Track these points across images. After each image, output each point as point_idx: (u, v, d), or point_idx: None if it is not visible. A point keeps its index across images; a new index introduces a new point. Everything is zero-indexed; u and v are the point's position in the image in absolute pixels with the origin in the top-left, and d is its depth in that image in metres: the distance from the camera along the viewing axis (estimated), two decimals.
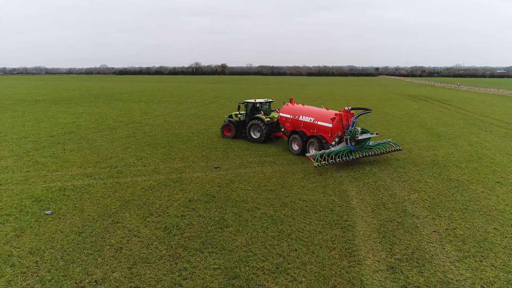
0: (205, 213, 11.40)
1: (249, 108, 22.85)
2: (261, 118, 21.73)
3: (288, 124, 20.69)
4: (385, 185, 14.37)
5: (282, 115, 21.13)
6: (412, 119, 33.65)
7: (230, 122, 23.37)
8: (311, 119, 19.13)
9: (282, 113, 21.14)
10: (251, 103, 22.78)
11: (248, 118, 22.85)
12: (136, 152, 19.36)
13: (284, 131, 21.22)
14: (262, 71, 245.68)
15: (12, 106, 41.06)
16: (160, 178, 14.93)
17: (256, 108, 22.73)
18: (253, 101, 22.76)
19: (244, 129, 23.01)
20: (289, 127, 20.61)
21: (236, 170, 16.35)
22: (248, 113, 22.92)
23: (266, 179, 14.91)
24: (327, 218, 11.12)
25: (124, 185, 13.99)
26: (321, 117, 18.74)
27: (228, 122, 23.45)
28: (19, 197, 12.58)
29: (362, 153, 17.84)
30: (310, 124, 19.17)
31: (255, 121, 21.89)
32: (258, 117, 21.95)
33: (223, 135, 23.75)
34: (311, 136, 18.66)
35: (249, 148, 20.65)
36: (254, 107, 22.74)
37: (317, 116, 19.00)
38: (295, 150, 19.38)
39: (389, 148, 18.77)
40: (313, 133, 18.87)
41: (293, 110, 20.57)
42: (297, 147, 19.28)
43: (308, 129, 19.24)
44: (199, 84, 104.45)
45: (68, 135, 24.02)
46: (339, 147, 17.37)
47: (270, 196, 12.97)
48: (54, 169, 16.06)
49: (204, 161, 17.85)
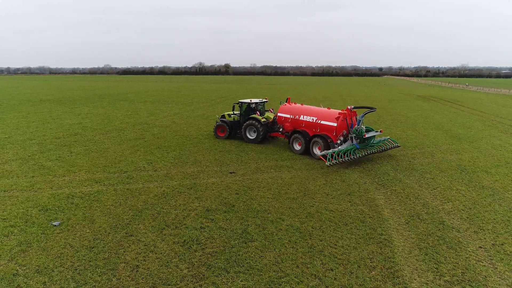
0: (226, 224, 10.49)
1: (244, 108, 22.37)
2: (257, 119, 21.36)
3: (287, 124, 20.35)
4: (414, 193, 13.40)
5: (280, 115, 20.78)
6: (427, 120, 32.62)
7: (223, 122, 22.83)
8: (313, 118, 19.00)
9: (281, 113, 20.83)
10: (246, 103, 22.31)
11: (242, 118, 22.41)
12: (145, 156, 18.49)
13: (283, 131, 20.84)
14: (266, 71, 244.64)
15: (17, 106, 40.35)
16: (173, 184, 14.04)
17: (251, 109, 22.26)
18: (248, 101, 22.25)
19: (238, 130, 22.64)
20: (289, 127, 20.26)
21: (253, 175, 15.44)
22: (242, 113, 22.48)
23: (286, 186, 13.98)
24: (359, 231, 10.18)
25: (136, 192, 13.10)
26: (324, 116, 18.62)
27: (221, 122, 22.91)
28: (25, 206, 11.72)
29: (367, 151, 18.01)
30: (312, 124, 19.03)
31: (252, 121, 21.48)
32: (254, 117, 21.54)
33: (216, 135, 23.13)
34: (315, 136, 18.47)
35: (263, 152, 19.73)
36: (249, 107, 22.29)
37: (320, 115, 18.87)
38: (297, 149, 19.23)
39: (389, 145, 19.23)
40: (315, 132, 18.71)
41: (292, 110, 20.34)
42: (299, 147, 19.13)
43: (311, 129, 19.08)
44: (203, 84, 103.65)
45: (74, 136, 23.20)
46: (345, 146, 17.47)
47: (293, 205, 12.05)
48: (61, 174, 15.21)
49: (217, 165, 16.95)
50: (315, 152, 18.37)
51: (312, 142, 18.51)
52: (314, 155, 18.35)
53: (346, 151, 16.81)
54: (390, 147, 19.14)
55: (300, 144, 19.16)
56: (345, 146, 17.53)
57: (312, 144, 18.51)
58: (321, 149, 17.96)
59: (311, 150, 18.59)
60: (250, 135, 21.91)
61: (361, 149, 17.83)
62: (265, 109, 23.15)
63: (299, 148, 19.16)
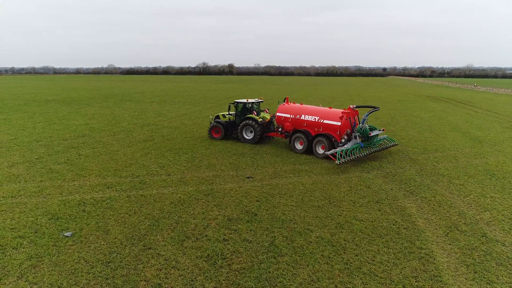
0: (251, 236, 9.71)
1: (240, 108, 21.96)
2: (254, 119, 21.04)
3: (288, 123, 20.15)
4: (446, 200, 12.57)
5: (280, 115, 20.59)
6: (441, 121, 31.72)
7: (218, 123, 22.35)
8: (315, 118, 18.99)
9: (280, 113, 20.64)
10: (242, 103, 21.94)
11: (238, 118, 22.10)
12: (157, 159, 17.75)
13: (282, 131, 20.60)
14: (269, 71, 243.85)
15: (22, 107, 39.80)
16: (189, 190, 13.28)
17: (247, 109, 21.88)
18: (244, 101, 21.90)
19: (234, 130, 22.29)
20: (289, 127, 20.06)
21: (271, 180, 14.66)
22: (238, 113, 22.12)
23: (309, 193, 13.19)
24: (395, 244, 9.38)
25: (150, 199, 12.36)
26: (328, 115, 18.63)
27: (216, 123, 22.39)
28: (34, 214, 11.00)
29: (371, 149, 18.14)
30: (314, 123, 19.00)
31: (248, 121, 21.15)
32: (251, 117, 21.21)
33: (211, 136, 22.69)
34: (318, 135, 18.48)
35: (279, 155, 18.94)
36: (245, 108, 21.92)
37: (322, 114, 18.85)
38: (299, 149, 19.20)
39: (388, 143, 19.55)
40: (318, 131, 18.69)
41: (292, 110, 20.19)
42: (301, 146, 19.12)
43: (312, 128, 19.06)
44: (208, 84, 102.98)
45: (81, 138, 22.52)
46: (350, 145, 17.64)
47: (320, 214, 11.25)
48: (70, 178, 14.50)
49: (233, 169, 16.18)
50: (318, 151, 18.36)
51: (315, 142, 18.45)
52: (318, 154, 18.32)
53: (352, 149, 16.95)
54: (390, 145, 19.50)
55: (301, 143, 19.12)
56: (350, 145, 17.67)
57: (315, 144, 18.43)
58: (324, 148, 17.99)
59: (314, 150, 18.55)
60: (247, 135, 21.54)
61: (365, 148, 17.89)
62: (260, 109, 22.78)
63: (301, 147, 19.10)
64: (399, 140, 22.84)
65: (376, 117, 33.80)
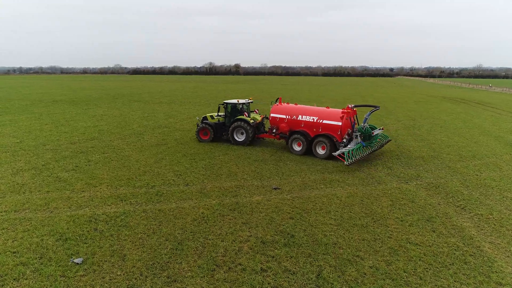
0: (292, 265, 8.24)
1: (229, 109, 21.08)
2: (246, 120, 20.26)
3: (283, 124, 19.53)
4: (507, 219, 11.00)
5: (274, 116, 19.95)
6: (467, 124, 30.01)
7: (207, 124, 21.30)
8: (314, 118, 18.55)
9: (274, 113, 20.00)
10: (232, 104, 21.11)
11: (228, 120, 21.22)
12: (172, 166, 16.36)
13: (277, 132, 19.91)
14: (276, 71, 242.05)
15: (29, 107, 38.70)
16: (212, 204, 11.85)
17: (237, 110, 21.06)
18: (235, 102, 21.13)
19: (224, 132, 21.49)
20: (285, 128, 19.45)
21: (301, 192, 13.18)
22: (228, 114, 21.25)
23: (347, 208, 11.69)
24: (467, 278, 7.85)
25: (170, 215, 10.94)
26: (327, 115, 18.26)
27: (204, 124, 21.31)
28: (39, 233, 9.63)
29: (371, 148, 18.15)
30: (313, 124, 18.53)
31: (240, 123, 20.36)
32: (242, 118, 20.39)
33: (199, 139, 21.63)
34: (318, 136, 18.07)
35: (304, 161, 17.46)
36: (235, 108, 21.11)
37: (321, 115, 18.44)
38: (297, 150, 18.71)
39: (384, 140, 19.60)
40: (317, 132, 18.28)
41: (288, 110, 19.60)
42: (299, 147, 18.66)
43: (311, 129, 18.58)
44: (216, 84, 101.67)
45: (91, 141, 21.21)
46: (353, 145, 17.38)
47: (366, 235, 9.75)
48: (79, 189, 13.14)
49: (257, 178, 14.73)
50: (318, 152, 17.99)
51: (315, 142, 18.04)
52: (318, 155, 17.96)
53: (357, 149, 16.76)
54: (385, 142, 19.64)
55: (300, 144, 18.65)
56: (352, 144, 17.40)
57: (315, 144, 18.04)
58: (325, 149, 17.73)
59: (314, 151, 18.16)
60: (238, 137, 20.74)
61: (367, 147, 17.80)
62: (250, 110, 21.92)
63: (299, 148, 18.64)
64: (430, 145, 21.27)
65: (397, 120, 32.20)
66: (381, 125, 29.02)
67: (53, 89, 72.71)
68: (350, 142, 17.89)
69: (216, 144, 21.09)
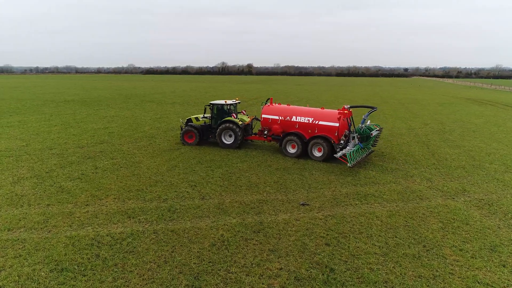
0: None
1: (216, 110, 20.01)
2: (234, 122, 19.26)
3: (276, 126, 18.80)
4: None
5: (266, 117, 19.15)
6: (502, 129, 27.77)
7: (192, 127, 20.14)
8: (309, 119, 17.98)
9: (266, 114, 19.17)
10: (219, 105, 20.06)
11: (215, 121, 20.15)
12: (186, 174, 14.85)
13: (269, 133, 19.10)
14: (288, 71, 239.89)
15: (40, 107, 37.85)
16: (232, 224, 10.26)
17: (224, 111, 20.01)
18: (222, 103, 20.01)
19: (210, 134, 20.38)
20: (277, 129, 18.73)
21: (334, 209, 11.48)
22: (215, 116, 20.13)
23: (391, 231, 9.94)
24: None
25: (184, 238, 9.39)
26: (323, 116, 17.72)
27: (189, 127, 20.15)
28: (32, 260, 8.18)
29: (368, 149, 17.79)
30: (308, 125, 17.93)
31: (228, 124, 19.32)
32: (230, 120, 19.37)
33: (183, 142, 20.40)
34: (314, 137, 17.47)
35: (331, 170, 15.75)
36: (222, 110, 20.05)
37: (317, 116, 17.90)
38: (292, 152, 18.02)
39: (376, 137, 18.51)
40: (313, 133, 17.70)
41: (281, 111, 18.90)
42: (294, 150, 18.00)
43: (306, 130, 17.96)
44: (229, 84, 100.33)
45: (99, 145, 19.88)
46: (351, 146, 16.93)
47: (422, 271, 8.00)
48: (83, 202, 11.71)
49: (281, 191, 13.09)
50: (314, 154, 17.45)
51: (311, 144, 17.48)
52: (315, 158, 17.39)
53: (357, 150, 16.47)
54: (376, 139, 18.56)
55: (294, 146, 17.99)
56: (351, 146, 16.94)
57: (311, 146, 17.48)
58: (321, 151, 17.24)
59: (310, 153, 17.61)
60: (226, 139, 19.78)
61: (365, 148, 17.35)
62: (237, 111, 20.90)
63: (294, 151, 17.98)
64: (468, 153, 19.30)
65: (424, 123, 30.15)
66: (409, 129, 27.11)
67: (66, 88, 72.41)
68: (347, 143, 17.26)
69: (233, 149, 19.53)
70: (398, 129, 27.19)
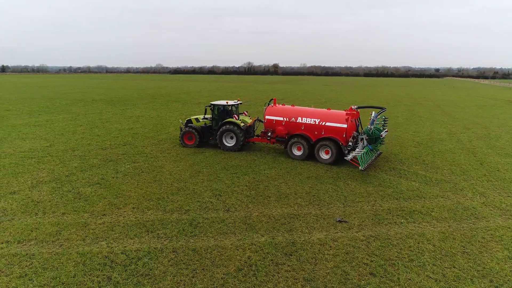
0: None
1: (217, 111, 19.28)
2: (235, 123, 18.53)
3: (280, 127, 18.09)
4: None
5: (270, 118, 18.46)
6: None
7: (191, 128, 19.41)
8: (315, 120, 17.32)
9: (270, 115, 18.48)
10: (220, 105, 19.26)
11: (215, 122, 19.39)
12: (210, 182, 13.81)
13: (273, 135, 18.35)
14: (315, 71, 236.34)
15: (68, 107, 38.15)
16: (261, 243, 9.07)
17: (226, 112, 19.22)
18: (223, 103, 19.20)
19: (211, 136, 19.60)
20: (282, 131, 18.03)
21: (375, 228, 10.07)
22: (215, 117, 19.40)
23: (447, 259, 8.44)
24: None
25: (206, 259, 8.29)
26: (331, 118, 17.04)
27: (188, 128, 19.41)
28: (37, 282, 7.33)
29: (377, 151, 17.47)
30: (315, 126, 17.25)
31: (229, 126, 18.53)
32: (231, 121, 18.61)
33: (183, 144, 19.73)
34: (321, 139, 16.89)
35: (369, 181, 14.27)
36: (224, 111, 19.27)
37: (324, 117, 17.21)
38: (298, 155, 17.47)
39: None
40: (320, 135, 17.06)
41: (286, 112, 18.18)
42: (300, 152, 17.44)
43: (312, 132, 17.29)
44: (256, 84, 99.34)
45: (122, 147, 19.24)
46: (360, 148, 16.17)
47: None
48: (100, 211, 10.87)
49: (314, 204, 11.79)
50: (322, 157, 16.85)
51: (318, 146, 16.88)
52: (322, 160, 16.80)
53: (367, 152, 15.90)
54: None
55: (300, 148, 17.43)
56: (360, 148, 16.16)
57: (318, 148, 16.88)
58: (329, 153, 16.66)
59: (317, 155, 16.99)
60: (227, 142, 18.97)
61: (373, 150, 16.82)
62: (238, 112, 20.10)
63: (300, 153, 17.42)
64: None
65: (465, 127, 27.87)
66: (449, 134, 25.06)
67: (95, 87, 73.69)
68: (356, 145, 16.61)
69: (260, 153, 18.38)
70: (438, 133, 25.15)
